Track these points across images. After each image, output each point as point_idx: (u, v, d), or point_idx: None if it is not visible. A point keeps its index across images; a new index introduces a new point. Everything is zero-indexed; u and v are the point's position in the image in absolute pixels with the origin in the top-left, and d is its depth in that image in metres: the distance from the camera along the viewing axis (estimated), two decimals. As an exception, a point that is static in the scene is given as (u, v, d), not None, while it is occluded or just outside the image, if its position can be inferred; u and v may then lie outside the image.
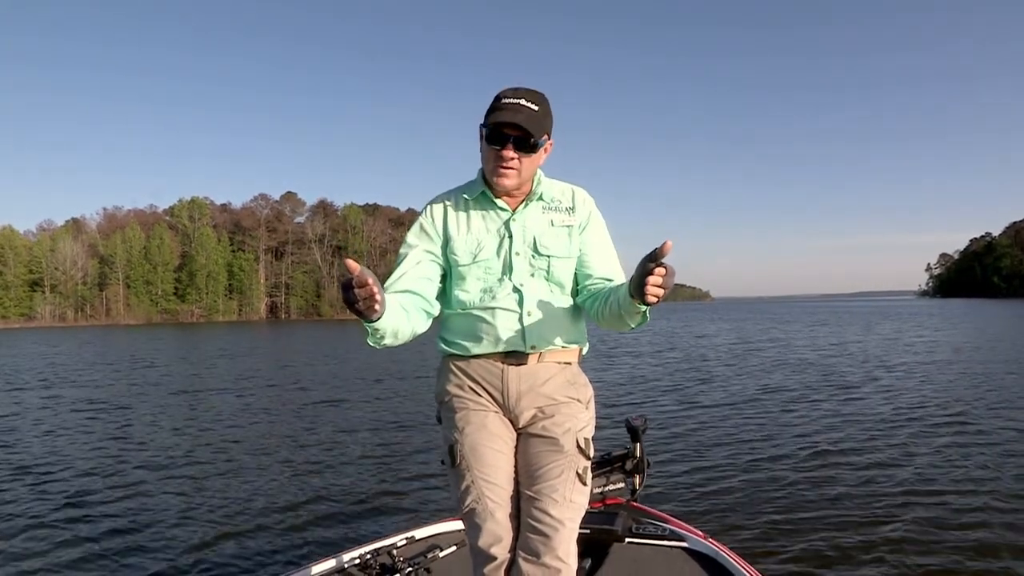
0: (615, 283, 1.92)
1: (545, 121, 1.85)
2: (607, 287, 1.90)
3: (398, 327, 1.74)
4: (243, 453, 7.26)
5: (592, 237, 1.99)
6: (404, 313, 1.78)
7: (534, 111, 1.82)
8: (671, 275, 1.56)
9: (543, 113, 1.84)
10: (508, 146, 1.81)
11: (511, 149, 1.82)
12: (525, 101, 1.82)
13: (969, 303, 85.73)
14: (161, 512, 5.18)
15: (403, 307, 1.79)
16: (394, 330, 1.73)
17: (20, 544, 4.57)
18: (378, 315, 1.59)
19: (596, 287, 1.94)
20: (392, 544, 2.75)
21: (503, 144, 1.82)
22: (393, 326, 1.71)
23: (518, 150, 1.82)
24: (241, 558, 4.25)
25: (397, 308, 1.75)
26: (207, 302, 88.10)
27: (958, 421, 8.00)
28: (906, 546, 4.17)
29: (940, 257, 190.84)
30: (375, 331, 1.68)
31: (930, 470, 5.87)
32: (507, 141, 1.81)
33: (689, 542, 2.78)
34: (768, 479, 5.69)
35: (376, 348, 1.76)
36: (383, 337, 1.72)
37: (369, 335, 1.71)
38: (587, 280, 1.97)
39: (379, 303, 1.55)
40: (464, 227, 1.93)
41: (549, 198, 1.97)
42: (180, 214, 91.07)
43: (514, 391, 1.89)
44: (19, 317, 78.13)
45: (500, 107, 1.81)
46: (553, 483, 1.80)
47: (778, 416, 8.70)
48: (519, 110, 1.80)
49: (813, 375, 13.07)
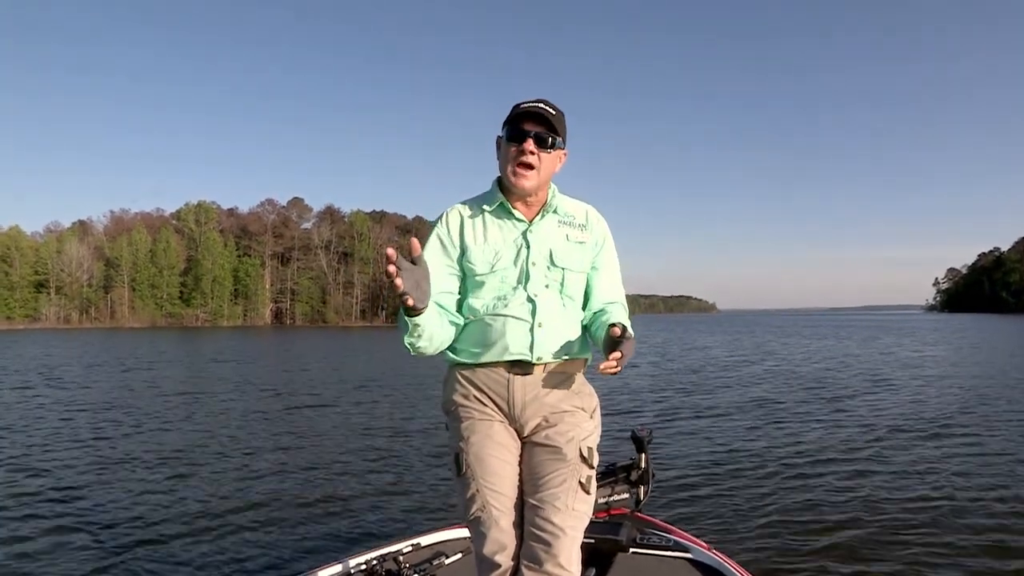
0: (617, 305, 2.01)
1: (562, 124, 1.93)
2: (607, 313, 1.96)
3: (434, 330, 1.80)
4: (246, 459, 7.27)
5: (603, 259, 2.05)
6: (439, 318, 1.84)
7: (553, 113, 1.90)
8: (627, 356, 1.73)
9: (560, 118, 1.92)
10: (528, 140, 1.87)
11: (532, 143, 1.87)
12: (544, 105, 1.90)
13: (977, 318, 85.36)
14: (162, 516, 5.19)
15: (439, 313, 1.85)
16: (431, 332, 1.78)
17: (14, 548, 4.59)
18: (424, 307, 1.66)
19: (597, 309, 2.01)
20: (398, 550, 2.76)
21: (523, 139, 1.87)
22: (431, 327, 1.77)
23: (538, 146, 1.88)
24: (246, 564, 4.26)
25: (435, 311, 1.81)
26: (212, 307, 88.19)
27: (972, 434, 7.97)
28: (917, 557, 4.16)
29: (948, 272, 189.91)
30: (415, 327, 1.72)
31: (942, 481, 5.86)
32: (527, 136, 1.87)
33: (693, 553, 2.78)
34: (772, 490, 5.68)
35: (410, 351, 1.80)
36: (420, 336, 1.76)
37: (408, 331, 1.74)
38: (591, 300, 2.03)
39: (426, 293, 1.64)
40: (481, 237, 1.95)
41: (564, 213, 2.01)
42: (187, 218, 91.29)
43: (519, 400, 1.91)
44: (24, 318, 78.24)
45: (520, 110, 1.89)
46: (555, 491, 1.82)
47: (781, 427, 8.69)
48: (539, 111, 1.88)
49: (818, 387, 13.04)
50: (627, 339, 1.75)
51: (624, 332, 1.75)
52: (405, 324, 1.72)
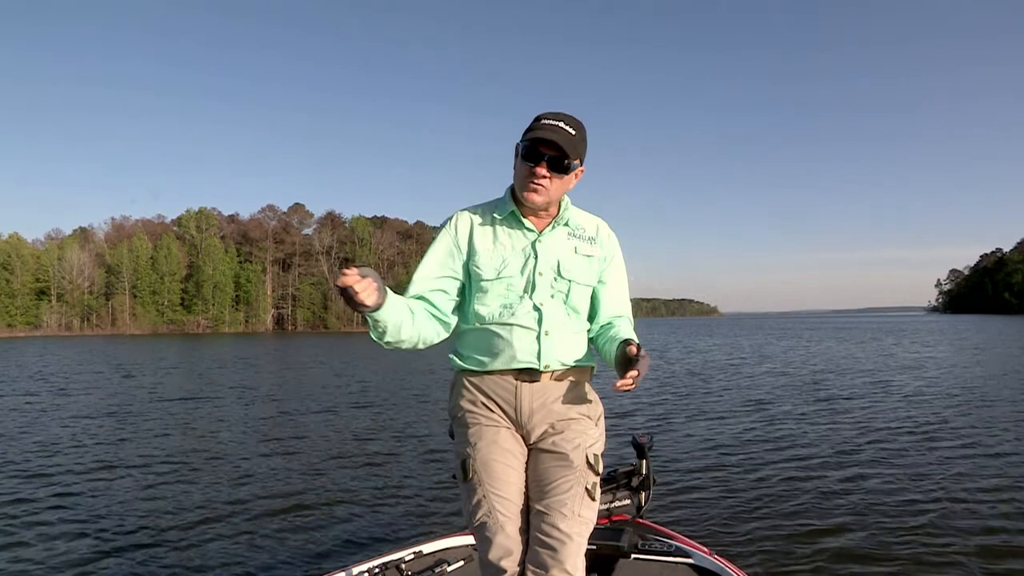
0: (623, 319, 2.04)
1: (580, 146, 1.90)
2: (614, 327, 1.99)
3: (400, 323, 1.81)
4: (246, 465, 7.27)
5: (611, 274, 2.07)
6: (409, 314, 1.85)
7: (571, 135, 1.86)
8: (642, 374, 1.76)
9: (579, 139, 1.89)
10: (542, 164, 1.86)
11: (544, 167, 1.86)
12: (564, 124, 1.87)
13: (979, 319, 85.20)
14: (162, 523, 5.20)
15: (410, 309, 1.86)
16: (396, 326, 1.80)
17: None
18: (375, 306, 1.68)
19: (605, 322, 2.04)
20: (400, 558, 2.77)
21: (537, 161, 1.86)
22: (395, 321, 1.79)
23: (551, 170, 1.87)
24: (248, 572, 4.26)
25: (402, 307, 1.83)
26: (213, 313, 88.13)
27: (973, 435, 7.96)
28: (920, 559, 4.17)
29: (950, 273, 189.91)
30: (375, 323, 1.76)
31: (944, 483, 5.85)
32: (542, 159, 1.86)
33: (695, 558, 2.79)
34: (773, 495, 5.68)
35: (380, 344, 1.83)
36: (384, 332, 1.80)
37: (371, 328, 1.79)
38: (598, 314, 2.05)
39: (374, 292, 1.66)
40: (490, 243, 1.97)
41: (575, 225, 2.02)
42: (188, 224, 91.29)
43: (527, 407, 1.93)
44: (25, 326, 78.18)
45: (539, 127, 1.86)
46: (562, 498, 1.84)
47: (782, 431, 8.67)
48: (556, 131, 1.85)
49: (818, 391, 13.02)
50: (643, 357, 1.77)
51: (639, 350, 1.78)
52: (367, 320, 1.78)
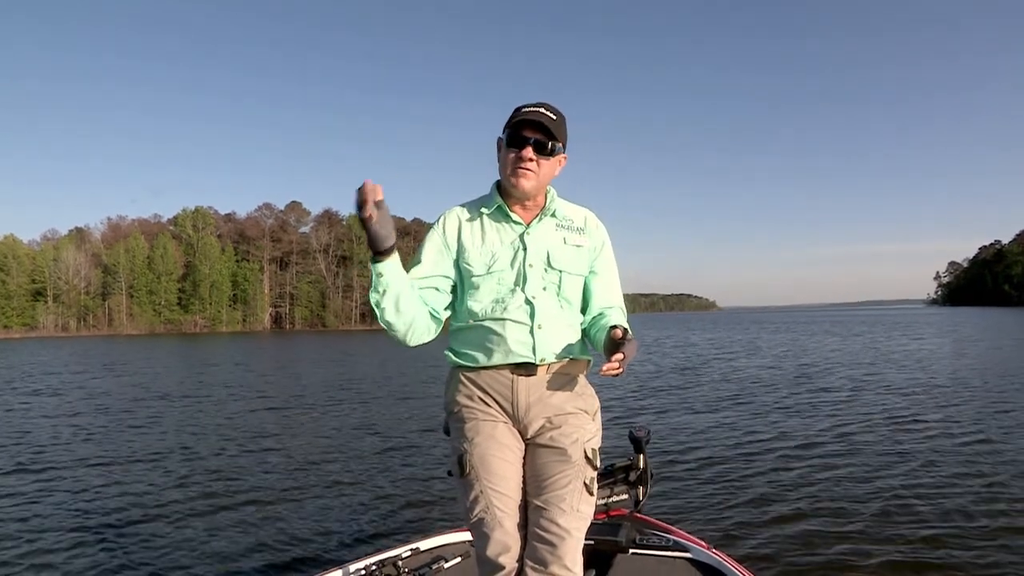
0: (615, 309, 2.03)
1: (562, 130, 1.93)
2: (605, 317, 1.98)
3: (400, 291, 1.79)
4: (243, 463, 7.27)
5: (601, 264, 2.06)
6: (410, 289, 1.84)
7: (553, 119, 1.89)
8: (629, 357, 1.74)
9: (561, 123, 1.92)
10: (528, 147, 1.88)
11: (531, 150, 1.88)
12: (545, 110, 1.90)
13: (978, 311, 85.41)
14: (159, 521, 5.19)
15: (411, 287, 1.85)
16: (396, 291, 1.78)
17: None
18: (391, 243, 1.71)
19: (596, 313, 2.03)
20: (397, 555, 2.76)
21: (522, 146, 1.88)
22: (397, 285, 1.78)
23: (537, 153, 1.88)
24: (245, 569, 4.25)
25: (406, 277, 1.82)
26: (210, 312, 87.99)
27: (979, 432, 7.97)
28: (919, 553, 4.17)
29: (949, 265, 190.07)
30: (379, 278, 1.75)
31: (944, 477, 5.86)
32: (527, 143, 1.88)
33: (693, 552, 2.79)
34: (771, 489, 5.68)
35: (377, 313, 1.81)
36: (385, 293, 1.77)
37: (372, 282, 1.77)
38: (589, 305, 2.04)
39: (390, 225, 1.69)
40: (479, 238, 1.97)
41: (562, 216, 2.02)
42: (184, 224, 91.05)
43: (523, 402, 1.92)
44: (21, 327, 78.02)
45: (521, 114, 1.89)
46: (560, 493, 1.84)
47: (780, 425, 8.68)
48: (539, 115, 1.88)
49: (817, 384, 13.04)
50: (629, 340, 1.76)
51: (626, 334, 1.77)
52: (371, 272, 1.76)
